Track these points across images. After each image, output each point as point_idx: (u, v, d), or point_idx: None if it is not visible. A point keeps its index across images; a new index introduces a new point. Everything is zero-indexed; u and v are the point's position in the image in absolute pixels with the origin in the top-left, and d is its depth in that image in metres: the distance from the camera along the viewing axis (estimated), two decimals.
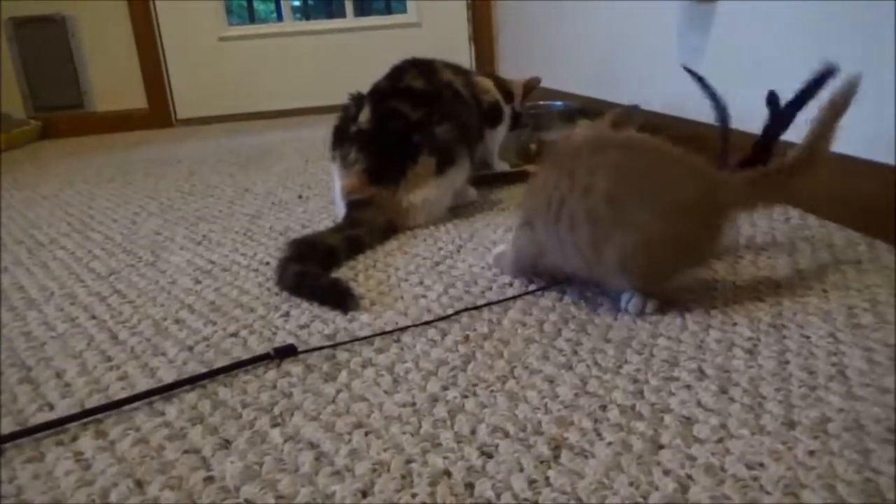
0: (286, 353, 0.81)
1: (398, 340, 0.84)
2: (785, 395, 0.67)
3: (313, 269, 1.03)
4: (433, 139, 1.30)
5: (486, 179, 1.63)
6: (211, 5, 3.36)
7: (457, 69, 1.53)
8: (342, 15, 3.53)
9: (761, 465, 0.57)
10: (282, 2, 3.61)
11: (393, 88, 1.39)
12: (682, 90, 1.73)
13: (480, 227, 1.30)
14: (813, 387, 0.68)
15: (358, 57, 3.38)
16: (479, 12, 3.49)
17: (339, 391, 0.73)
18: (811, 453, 0.58)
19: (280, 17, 3.75)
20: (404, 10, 3.60)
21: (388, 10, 3.79)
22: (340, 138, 1.39)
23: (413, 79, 1.40)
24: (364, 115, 1.36)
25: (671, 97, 1.75)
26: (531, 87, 1.69)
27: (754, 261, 1.03)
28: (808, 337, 0.78)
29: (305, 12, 5.94)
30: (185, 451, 0.64)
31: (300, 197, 1.65)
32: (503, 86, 1.62)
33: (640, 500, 0.54)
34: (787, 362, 0.73)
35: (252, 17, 4.33)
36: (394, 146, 1.30)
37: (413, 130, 1.31)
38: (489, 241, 1.20)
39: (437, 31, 3.51)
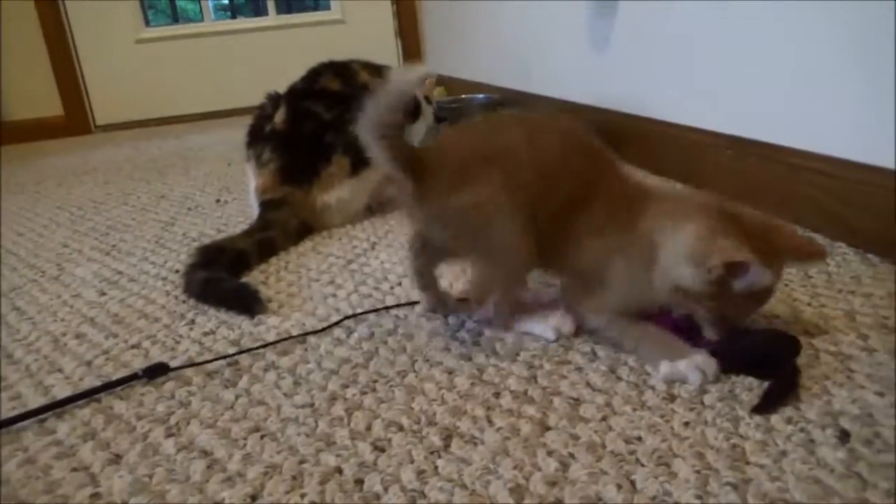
0: (157, 371, 0.77)
1: (303, 341, 0.84)
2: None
3: (220, 275, 1.02)
4: (347, 139, 1.30)
5: None
6: (127, 7, 3.25)
7: (374, 68, 1.53)
8: (268, 13, 3.47)
9: (639, 439, 0.59)
10: (202, 1, 3.52)
11: (309, 90, 1.39)
12: (596, 78, 1.78)
13: (396, 224, 1.30)
14: None
15: (283, 56, 3.32)
16: (404, 8, 3.48)
17: (238, 397, 0.73)
18: (686, 424, 0.61)
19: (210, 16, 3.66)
20: (328, 8, 3.56)
21: (316, 8, 3.73)
22: (255, 138, 1.38)
23: (329, 81, 1.40)
24: (279, 116, 1.35)
25: (586, 86, 1.79)
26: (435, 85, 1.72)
27: None
28: None
29: (232, 11, 5.79)
30: (73, 469, 0.62)
31: (218, 201, 1.62)
32: None
33: (523, 481, 0.55)
34: None
35: (175, 17, 4.21)
36: (308, 146, 1.30)
37: (327, 131, 1.30)
38: (404, 237, 1.21)
39: (362, 28, 3.48)
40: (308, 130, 1.29)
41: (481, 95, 2.29)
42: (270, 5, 3.46)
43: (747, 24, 1.16)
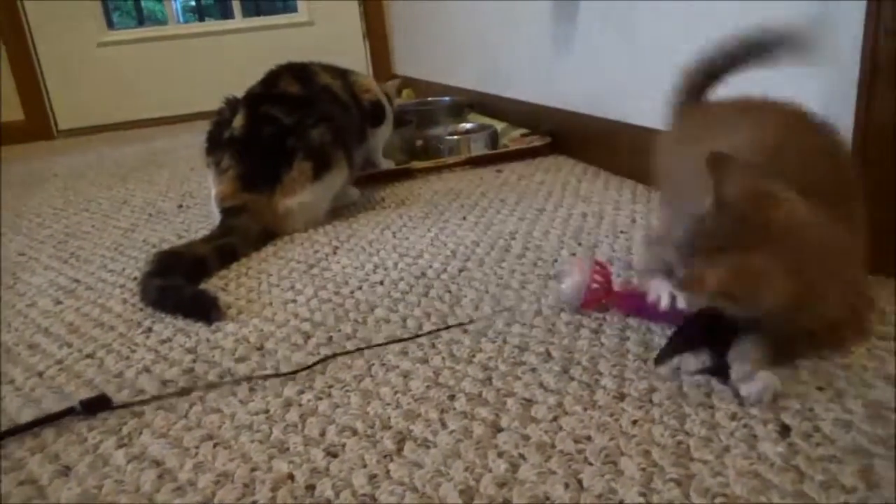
0: (96, 405, 0.72)
1: (261, 347, 0.84)
2: (620, 370, 0.71)
3: (177, 282, 1.01)
4: (308, 143, 1.29)
5: (372, 178, 1.64)
6: (90, 9, 3.19)
7: (335, 71, 1.53)
8: (251, 13, 3.43)
9: (588, 438, 0.60)
10: (166, 3, 3.47)
11: (267, 93, 1.38)
12: (559, 80, 1.80)
13: (360, 227, 1.30)
14: (646, 360, 0.72)
15: (251, 58, 3.26)
16: (372, 10, 3.47)
17: (192, 405, 0.72)
18: (635, 422, 0.62)
19: (178, 19, 3.61)
20: (296, 10, 3.54)
21: (286, 10, 3.69)
22: (214, 144, 1.36)
23: (288, 84, 1.39)
24: (238, 121, 1.33)
25: (550, 88, 1.80)
26: (401, 87, 1.71)
27: (611, 243, 1.08)
28: None
29: (199, 13, 5.71)
30: (21, 483, 0.61)
31: (180, 206, 1.60)
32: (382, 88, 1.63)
33: (473, 483, 0.56)
34: (627, 339, 0.77)
35: (141, 19, 4.15)
36: (268, 151, 1.29)
37: (287, 135, 1.29)
38: (366, 241, 1.21)
39: (330, 30, 3.47)
40: (268, 135, 1.28)
41: (447, 98, 2.30)
42: (236, 7, 3.43)
43: (706, 28, 1.18)
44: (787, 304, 0.61)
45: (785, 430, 0.58)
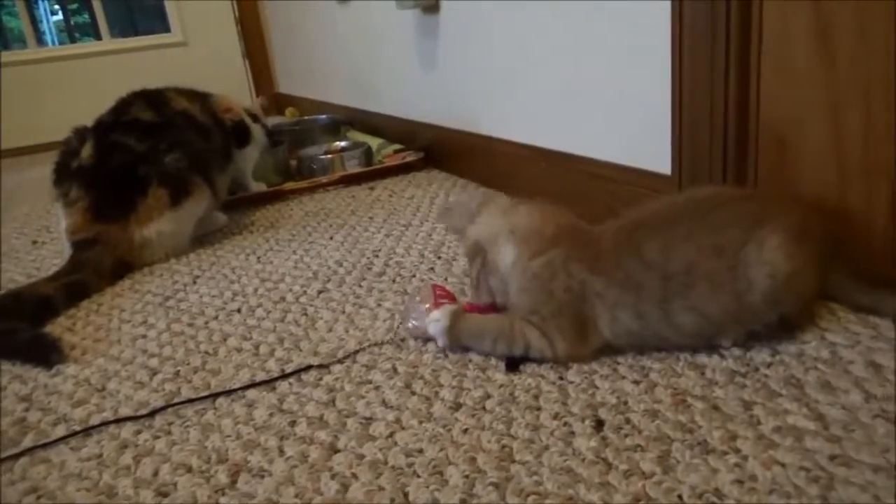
0: None
1: (103, 389, 0.81)
2: (460, 380, 0.73)
3: (14, 326, 0.95)
4: (163, 170, 1.26)
5: (242, 202, 1.61)
6: None
7: (194, 95, 1.49)
8: (121, 34, 3.27)
9: (420, 451, 0.62)
10: (25, 26, 3.26)
11: (117, 121, 1.32)
12: (428, 97, 1.84)
13: (224, 254, 1.27)
14: (484, 368, 0.75)
15: (122, 82, 3.15)
16: (249, 29, 3.42)
17: (20, 454, 0.68)
18: (465, 431, 0.64)
19: (45, 41, 3.41)
20: (169, 30, 3.43)
21: (167, 29, 3.54)
22: (62, 175, 1.30)
23: (140, 110, 1.34)
24: (86, 150, 1.28)
25: (420, 104, 1.84)
26: (266, 106, 1.71)
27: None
28: None
29: (70, 33, 5.39)
30: None
31: (35, 242, 1.51)
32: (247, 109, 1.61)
33: None
34: (470, 349, 0.80)
35: (5, 42, 3.89)
36: (119, 180, 1.24)
37: (140, 162, 1.25)
38: (229, 268, 1.19)
39: (206, 50, 3.38)
40: (118, 163, 1.24)
41: (324, 116, 2.30)
42: (103, 28, 3.28)
43: (556, 52, 1.25)
44: None
45: (599, 425, 0.62)
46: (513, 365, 0.74)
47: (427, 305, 0.82)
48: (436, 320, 0.78)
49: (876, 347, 0.69)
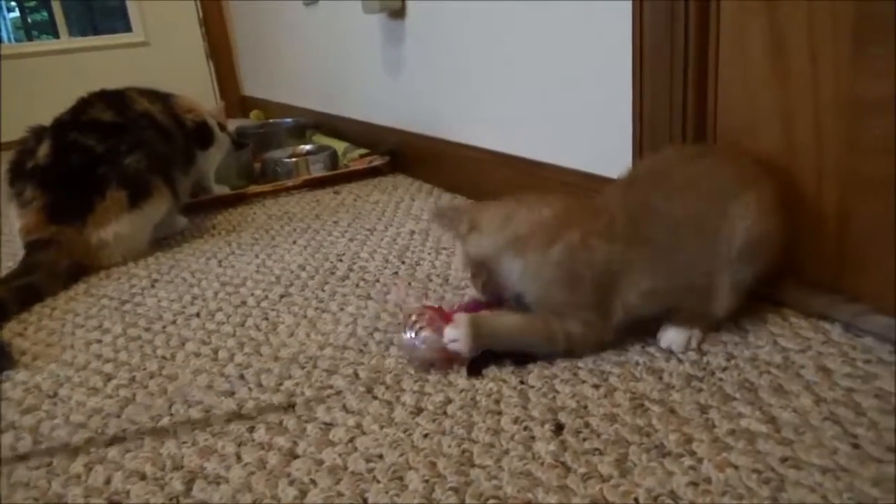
0: None
1: (54, 395, 0.78)
2: (421, 385, 0.73)
3: None
4: (122, 171, 1.23)
5: (203, 205, 1.58)
6: None
7: (155, 96, 1.47)
8: (80, 33, 3.19)
9: (380, 456, 0.62)
10: None
11: (76, 121, 1.30)
12: (394, 102, 1.84)
13: (184, 257, 1.25)
14: (446, 372, 0.75)
15: (81, 82, 3.08)
16: (214, 30, 3.37)
17: None
18: (426, 436, 0.64)
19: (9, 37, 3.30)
20: (130, 29, 3.36)
21: (129, 29, 3.46)
22: (16, 175, 1.26)
23: (100, 111, 1.31)
24: (43, 150, 1.24)
25: (386, 109, 1.84)
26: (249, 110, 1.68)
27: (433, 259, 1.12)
28: None
29: (27, 31, 5.25)
30: None
31: None
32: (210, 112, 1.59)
33: None
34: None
35: None
36: (77, 180, 1.21)
37: (98, 163, 1.22)
38: (189, 272, 1.17)
39: (169, 51, 3.33)
40: (76, 164, 1.21)
41: (289, 119, 2.28)
42: (61, 26, 3.20)
43: (521, 59, 1.26)
44: None
45: (559, 429, 0.63)
46: (475, 369, 0.75)
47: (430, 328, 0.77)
48: (454, 340, 0.73)
49: (826, 352, 0.71)
